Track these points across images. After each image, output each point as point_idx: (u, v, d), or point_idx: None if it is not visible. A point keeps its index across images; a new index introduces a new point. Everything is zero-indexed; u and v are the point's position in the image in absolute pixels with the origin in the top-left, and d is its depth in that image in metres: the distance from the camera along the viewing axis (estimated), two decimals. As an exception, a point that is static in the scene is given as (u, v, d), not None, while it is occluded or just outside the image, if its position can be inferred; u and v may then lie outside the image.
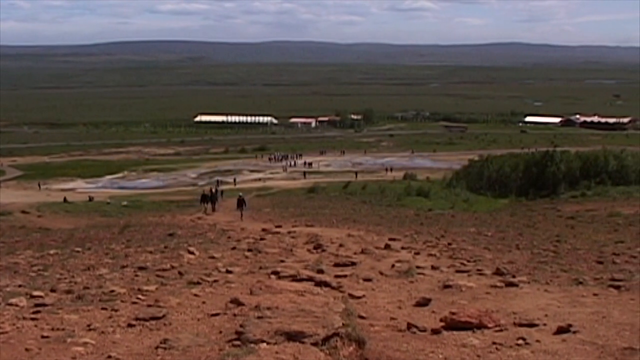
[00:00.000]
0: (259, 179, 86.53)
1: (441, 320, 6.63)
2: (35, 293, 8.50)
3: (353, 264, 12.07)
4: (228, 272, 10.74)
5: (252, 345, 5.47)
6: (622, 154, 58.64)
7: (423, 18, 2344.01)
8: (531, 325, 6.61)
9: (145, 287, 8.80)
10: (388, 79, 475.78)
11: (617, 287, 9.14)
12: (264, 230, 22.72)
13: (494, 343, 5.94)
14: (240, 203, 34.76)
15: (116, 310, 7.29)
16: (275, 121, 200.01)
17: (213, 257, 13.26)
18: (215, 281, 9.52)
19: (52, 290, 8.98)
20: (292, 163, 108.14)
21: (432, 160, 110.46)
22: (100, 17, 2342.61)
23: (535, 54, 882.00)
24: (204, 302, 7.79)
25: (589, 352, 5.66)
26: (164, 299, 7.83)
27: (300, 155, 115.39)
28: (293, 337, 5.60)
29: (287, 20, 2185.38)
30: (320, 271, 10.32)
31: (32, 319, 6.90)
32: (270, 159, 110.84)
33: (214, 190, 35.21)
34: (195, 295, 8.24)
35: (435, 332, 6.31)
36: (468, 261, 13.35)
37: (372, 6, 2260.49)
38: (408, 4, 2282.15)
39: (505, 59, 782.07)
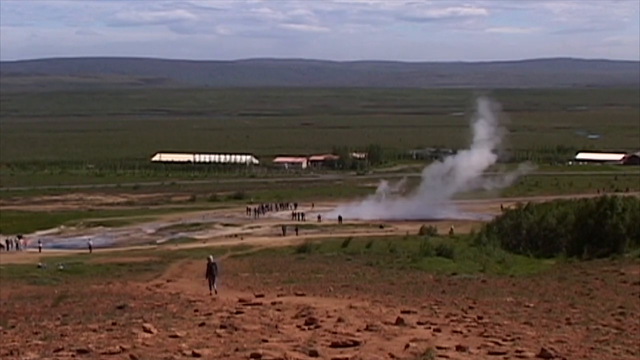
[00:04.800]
0: (235, 235, 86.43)
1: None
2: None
3: (356, 344, 12.06)
4: (195, 355, 10.72)
5: None
6: None
7: (443, 29, 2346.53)
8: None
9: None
10: (398, 106, 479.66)
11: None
12: (241, 300, 22.67)
13: None
14: (211, 270, 31.67)
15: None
16: (255, 161, 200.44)
17: (175, 336, 13.23)
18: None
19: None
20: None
21: (456, 209, 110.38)
22: (28, 27, 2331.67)
23: (589, 73, 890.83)
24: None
25: None
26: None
27: (295, 205, 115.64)
28: None
29: (270, 32, 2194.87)
30: (314, 353, 10.32)
31: None
32: (248, 210, 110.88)
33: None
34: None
35: None
36: (504, 340, 13.35)
37: (377, 14, 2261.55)
38: (422, 12, 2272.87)
39: (550, 79, 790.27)
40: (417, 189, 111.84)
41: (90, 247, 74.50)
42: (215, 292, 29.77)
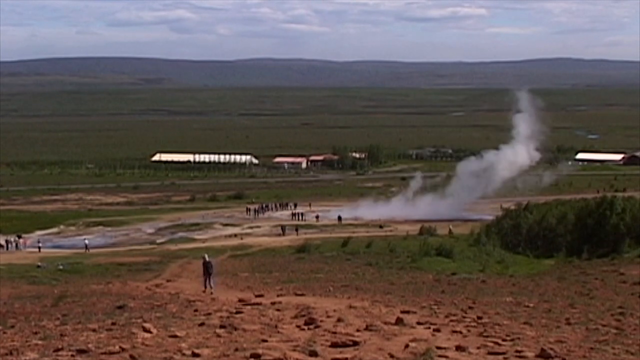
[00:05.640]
0: (235, 235, 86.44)
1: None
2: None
3: (355, 344, 12.05)
4: (194, 355, 10.71)
5: None
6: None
7: (443, 29, 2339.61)
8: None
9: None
10: (398, 106, 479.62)
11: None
12: (240, 300, 22.66)
13: None
14: (207, 268, 32.58)
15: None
16: (255, 161, 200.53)
17: (175, 336, 13.22)
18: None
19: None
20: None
21: (455, 209, 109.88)
22: (28, 27, 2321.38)
23: (589, 73, 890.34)
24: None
25: None
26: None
27: (295, 205, 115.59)
28: None
29: (270, 32, 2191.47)
30: (314, 353, 10.31)
31: None
32: (247, 210, 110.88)
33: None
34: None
35: None
36: (504, 340, 13.34)
37: (377, 14, 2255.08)
38: (422, 12, 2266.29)
39: (550, 79, 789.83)
40: (450, 187, 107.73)
41: (86, 247, 74.39)
42: (212, 292, 29.86)
